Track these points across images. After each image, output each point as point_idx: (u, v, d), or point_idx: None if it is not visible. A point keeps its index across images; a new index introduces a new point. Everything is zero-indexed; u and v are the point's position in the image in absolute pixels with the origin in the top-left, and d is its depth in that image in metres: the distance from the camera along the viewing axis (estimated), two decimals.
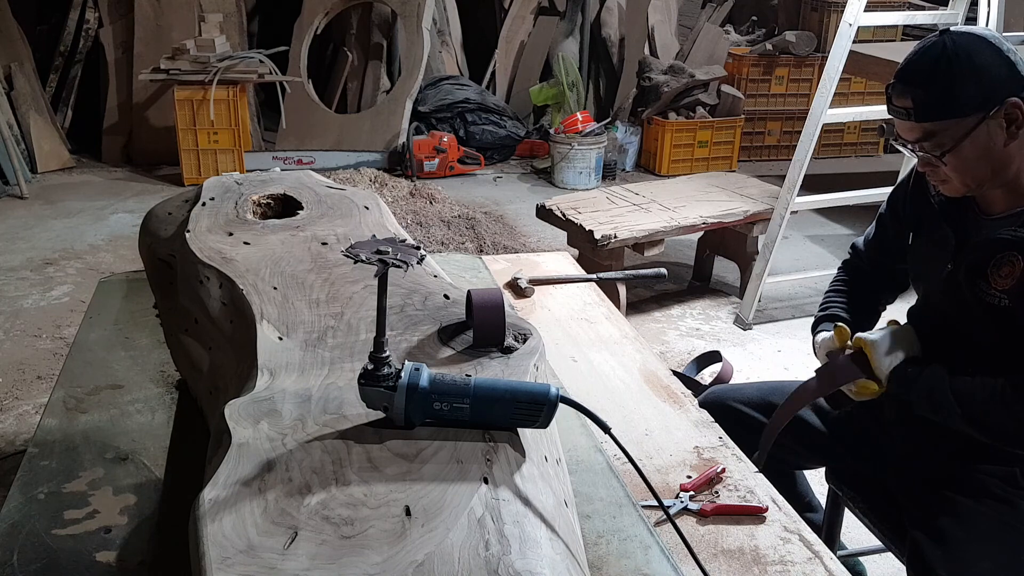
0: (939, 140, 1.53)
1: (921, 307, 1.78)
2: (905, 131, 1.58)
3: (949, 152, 1.53)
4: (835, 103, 3.63)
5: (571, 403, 1.08)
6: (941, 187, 1.63)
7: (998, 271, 1.54)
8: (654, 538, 1.31)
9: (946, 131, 1.52)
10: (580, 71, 6.34)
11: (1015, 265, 1.52)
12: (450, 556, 0.86)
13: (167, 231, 1.68)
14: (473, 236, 4.64)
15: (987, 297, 1.55)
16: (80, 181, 5.67)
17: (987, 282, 1.55)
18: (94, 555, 1.23)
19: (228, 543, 0.87)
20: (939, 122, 1.52)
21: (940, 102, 1.51)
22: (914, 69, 1.54)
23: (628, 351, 2.03)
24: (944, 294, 1.66)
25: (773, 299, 4.10)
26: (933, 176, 1.61)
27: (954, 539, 1.57)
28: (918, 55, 1.55)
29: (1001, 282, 1.53)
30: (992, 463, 1.62)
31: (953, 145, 1.52)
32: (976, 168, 1.54)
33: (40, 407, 2.77)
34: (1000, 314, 1.55)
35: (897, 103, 1.56)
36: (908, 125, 1.56)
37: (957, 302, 1.62)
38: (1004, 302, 1.53)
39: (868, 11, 3.44)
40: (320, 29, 6.11)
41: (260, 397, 1.12)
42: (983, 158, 1.53)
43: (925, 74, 1.52)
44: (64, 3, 5.94)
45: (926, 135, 1.54)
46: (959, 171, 1.55)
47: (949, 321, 1.66)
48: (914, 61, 1.55)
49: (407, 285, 1.42)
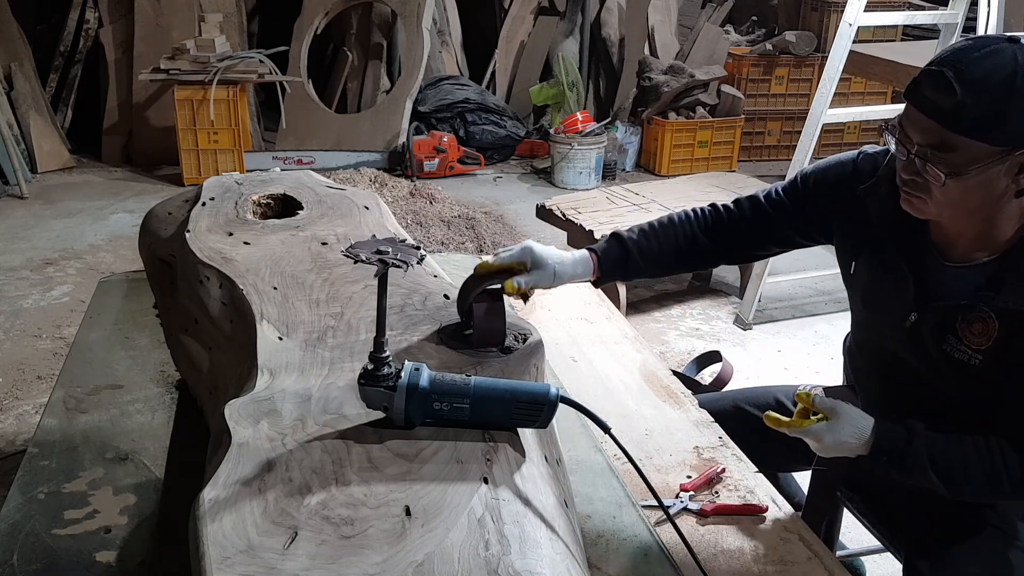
0: (952, 159, 1.27)
1: (873, 350, 1.62)
2: (920, 129, 1.30)
3: (954, 176, 1.28)
4: (835, 103, 3.63)
5: (571, 403, 1.08)
6: (908, 206, 1.39)
7: (969, 327, 1.39)
8: (654, 538, 1.31)
9: (965, 151, 1.26)
10: (580, 71, 6.33)
11: (987, 323, 1.36)
12: (450, 556, 0.86)
13: (167, 231, 1.68)
14: (473, 236, 4.64)
15: (957, 353, 1.41)
16: (80, 181, 5.67)
17: (957, 339, 1.40)
18: (94, 555, 1.23)
19: (228, 543, 0.87)
20: (967, 139, 1.25)
21: (986, 119, 1.24)
22: (974, 67, 1.25)
23: (628, 351, 2.03)
24: (908, 347, 1.49)
25: (773, 299, 4.10)
26: (911, 187, 1.35)
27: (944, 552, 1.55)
28: (982, 55, 1.26)
29: (975, 340, 1.38)
30: None
31: (963, 170, 1.27)
32: (962, 204, 1.33)
33: (40, 407, 2.77)
34: (971, 371, 1.40)
35: (931, 93, 1.27)
36: (929, 125, 1.28)
37: (921, 356, 1.47)
38: (976, 361, 1.39)
39: (868, 11, 3.44)
40: (320, 29, 6.10)
41: (260, 397, 1.12)
42: (977, 196, 1.31)
43: (984, 81, 1.24)
44: (64, 3, 5.93)
45: (942, 145, 1.27)
46: (948, 198, 1.32)
47: (913, 373, 1.51)
48: (977, 60, 1.25)
49: (407, 285, 1.43)
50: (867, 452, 1.38)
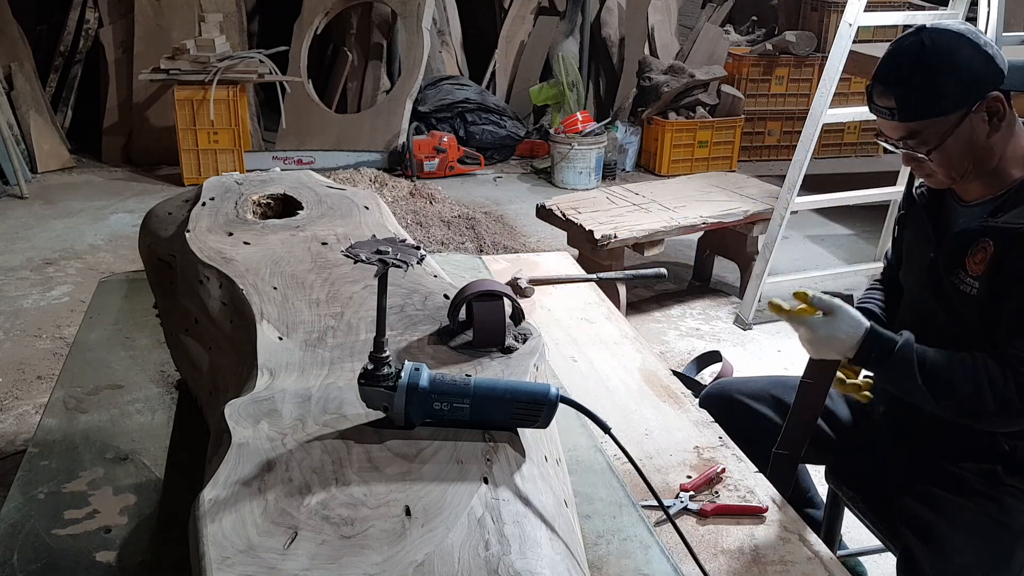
0: (924, 138, 1.53)
1: (906, 299, 1.79)
2: (889, 130, 1.58)
3: (934, 150, 1.53)
4: (835, 103, 3.63)
5: (571, 403, 1.08)
6: (927, 180, 1.65)
7: (973, 258, 1.55)
8: (654, 538, 1.31)
9: (930, 129, 1.52)
10: (580, 71, 6.33)
11: (987, 250, 1.53)
12: (450, 556, 0.86)
13: (167, 231, 1.68)
14: (473, 236, 4.64)
15: (962, 285, 1.57)
16: (80, 181, 5.67)
17: (964, 270, 1.57)
18: (94, 555, 1.23)
19: (228, 543, 0.87)
20: (923, 121, 1.52)
21: (922, 101, 1.51)
22: (893, 69, 1.53)
23: (628, 351, 2.03)
24: (924, 285, 1.67)
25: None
26: (919, 170, 1.62)
27: (938, 535, 1.58)
28: (896, 54, 1.54)
29: (975, 268, 1.55)
30: (975, 461, 1.63)
31: (938, 143, 1.52)
32: (960, 162, 1.55)
33: (40, 407, 2.77)
34: (968, 302, 1.56)
35: (879, 103, 1.56)
36: (892, 125, 1.56)
37: (934, 292, 1.64)
38: (973, 290, 1.55)
39: (868, 11, 3.44)
40: (320, 29, 6.10)
41: (260, 397, 1.12)
42: (967, 152, 1.54)
43: (905, 74, 1.51)
44: (64, 3, 5.94)
45: (910, 134, 1.54)
46: (944, 166, 1.56)
47: (924, 312, 1.68)
48: (893, 60, 1.54)
49: (407, 285, 1.42)
50: (855, 354, 1.55)
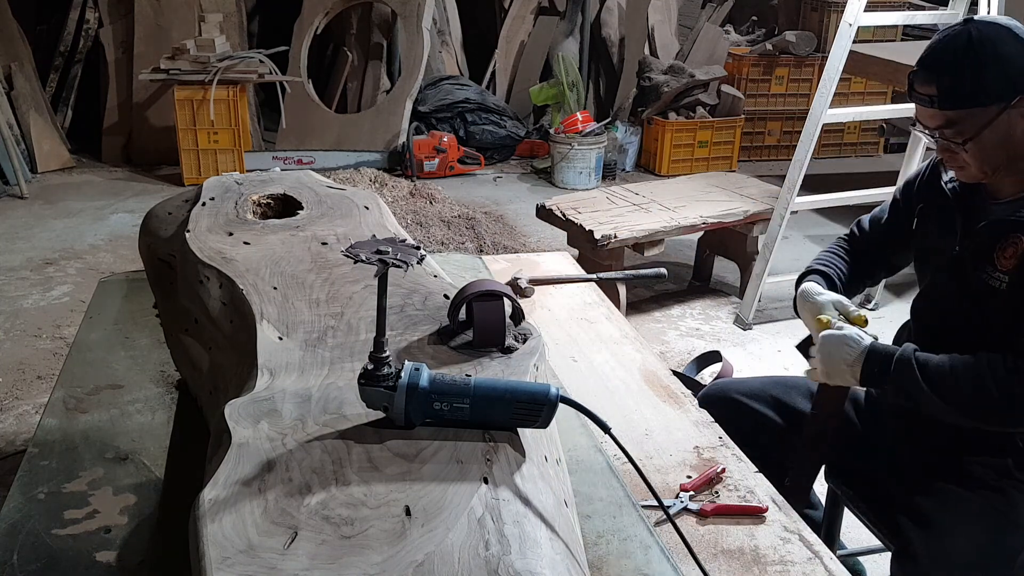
0: (961, 128, 1.54)
1: (926, 293, 1.78)
2: (927, 118, 1.58)
3: (970, 140, 1.54)
4: (835, 103, 3.63)
5: (571, 403, 1.08)
6: (958, 173, 1.65)
7: (1003, 253, 1.55)
8: (654, 538, 1.31)
9: (969, 119, 1.53)
10: (580, 71, 6.33)
11: (1018, 246, 1.53)
12: (450, 556, 0.86)
13: (167, 231, 1.68)
14: (473, 236, 4.64)
15: (990, 280, 1.57)
16: (80, 181, 5.67)
17: (992, 265, 1.57)
18: (94, 555, 1.23)
19: (228, 543, 0.87)
20: (962, 110, 1.53)
21: (964, 91, 1.52)
22: (939, 57, 1.54)
23: (628, 351, 2.03)
24: (950, 278, 1.67)
25: (773, 299, 4.09)
26: (951, 162, 1.62)
27: (937, 521, 1.58)
28: (943, 43, 1.55)
29: (1006, 263, 1.55)
30: (985, 454, 1.63)
31: (975, 133, 1.53)
32: (994, 155, 1.56)
33: (40, 407, 2.77)
34: (995, 296, 1.56)
35: (920, 90, 1.56)
36: (931, 112, 1.56)
37: (961, 286, 1.63)
38: (1003, 284, 1.55)
39: (868, 11, 3.44)
40: (320, 29, 6.10)
41: (260, 397, 1.12)
42: (1002, 145, 1.54)
43: (950, 62, 1.52)
44: (64, 3, 5.93)
45: (948, 123, 1.55)
46: (978, 158, 1.56)
47: (952, 306, 1.67)
48: (939, 49, 1.55)
49: (407, 285, 1.42)
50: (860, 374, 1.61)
